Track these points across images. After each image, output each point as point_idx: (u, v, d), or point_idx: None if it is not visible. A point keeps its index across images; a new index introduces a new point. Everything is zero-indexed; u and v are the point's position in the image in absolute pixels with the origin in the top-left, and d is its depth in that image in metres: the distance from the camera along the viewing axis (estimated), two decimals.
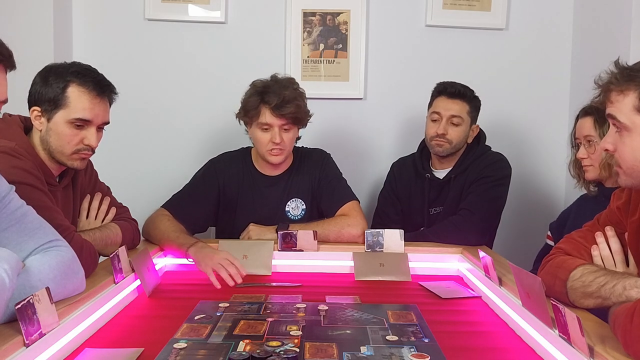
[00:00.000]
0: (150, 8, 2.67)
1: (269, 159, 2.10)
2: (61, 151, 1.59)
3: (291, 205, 2.18)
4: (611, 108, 1.22)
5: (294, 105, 2.03)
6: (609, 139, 1.25)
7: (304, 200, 2.19)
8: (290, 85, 2.07)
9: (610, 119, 1.23)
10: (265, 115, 2.03)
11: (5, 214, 1.24)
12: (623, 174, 1.24)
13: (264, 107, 2.03)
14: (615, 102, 1.20)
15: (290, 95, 2.03)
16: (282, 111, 2.01)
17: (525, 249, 2.36)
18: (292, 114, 2.03)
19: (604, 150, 1.29)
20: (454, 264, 1.96)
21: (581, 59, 2.70)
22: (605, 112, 1.26)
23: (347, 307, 1.51)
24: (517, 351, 1.26)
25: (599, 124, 1.81)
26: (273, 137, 2.04)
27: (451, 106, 2.23)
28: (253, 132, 2.10)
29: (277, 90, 2.02)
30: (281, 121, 2.04)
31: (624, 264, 1.36)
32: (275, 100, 2.00)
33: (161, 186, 2.69)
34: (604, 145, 1.27)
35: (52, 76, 1.58)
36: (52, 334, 1.11)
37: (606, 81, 1.23)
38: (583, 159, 1.87)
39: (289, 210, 2.17)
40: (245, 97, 2.09)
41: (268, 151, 2.08)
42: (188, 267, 1.91)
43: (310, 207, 2.19)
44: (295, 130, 2.11)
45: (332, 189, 2.17)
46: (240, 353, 1.16)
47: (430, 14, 2.72)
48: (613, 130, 1.24)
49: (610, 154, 1.27)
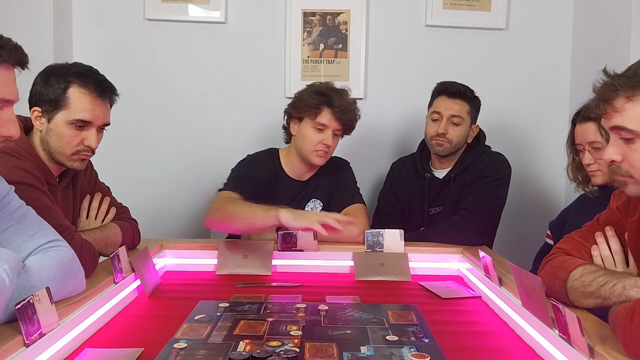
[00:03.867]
0: (150, 8, 2.67)
1: (312, 159, 2.12)
2: (61, 152, 1.59)
3: (310, 206, 2.20)
4: (618, 118, 1.15)
5: (353, 114, 2.12)
6: (613, 149, 1.19)
7: (322, 201, 2.21)
8: (349, 95, 2.15)
9: (615, 130, 1.17)
10: (326, 116, 2.08)
11: (5, 214, 1.24)
12: (634, 183, 1.19)
13: (326, 108, 2.08)
14: (623, 110, 1.14)
15: (352, 104, 2.12)
16: (343, 116, 2.09)
17: (525, 248, 2.36)
18: (350, 122, 2.12)
19: (609, 162, 1.22)
20: (454, 264, 1.96)
21: (581, 59, 2.70)
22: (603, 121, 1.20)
23: (347, 307, 1.51)
24: (517, 351, 1.26)
25: (603, 129, 1.78)
26: (326, 138, 2.09)
27: (452, 106, 2.23)
28: (303, 129, 2.12)
29: (342, 96, 2.10)
30: (338, 126, 2.10)
31: (624, 264, 1.36)
32: (342, 104, 2.08)
33: (161, 186, 2.70)
34: (609, 157, 1.20)
35: (53, 77, 1.58)
36: (52, 334, 1.11)
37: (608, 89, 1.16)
38: (590, 165, 1.85)
39: (307, 211, 2.17)
40: (304, 94, 2.13)
41: (315, 151, 2.11)
42: (188, 267, 1.92)
43: (327, 209, 2.20)
44: (339, 139, 2.17)
45: (342, 190, 2.21)
46: (240, 353, 1.16)
47: (430, 14, 2.72)
48: (619, 141, 1.18)
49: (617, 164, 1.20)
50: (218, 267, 1.88)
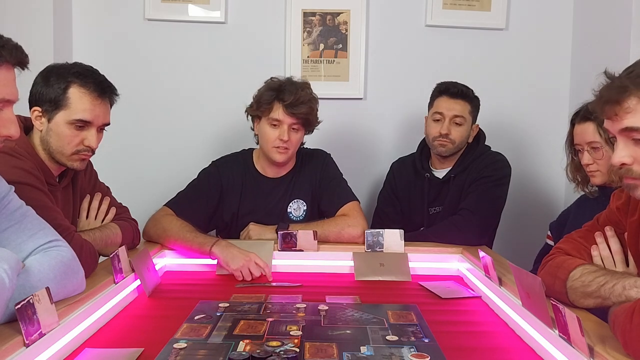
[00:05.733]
0: (150, 8, 2.67)
1: (272, 156, 2.10)
2: (61, 152, 1.59)
3: (293, 207, 2.18)
4: (630, 119, 1.11)
5: (307, 107, 2.06)
6: (624, 152, 1.14)
7: (306, 201, 2.19)
8: (306, 88, 2.10)
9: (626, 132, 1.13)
10: (278, 111, 2.05)
11: (5, 214, 1.24)
12: None
13: (277, 103, 2.05)
14: (636, 110, 1.10)
15: (305, 97, 2.06)
16: (294, 110, 2.04)
17: (525, 248, 2.36)
18: (304, 115, 2.06)
19: (619, 165, 1.16)
20: (454, 264, 1.96)
21: (581, 59, 2.70)
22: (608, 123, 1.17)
23: (347, 307, 1.51)
24: (517, 351, 1.26)
25: (602, 129, 1.78)
26: (281, 134, 2.05)
27: (454, 106, 2.23)
28: (261, 127, 2.11)
29: (293, 89, 2.05)
30: (292, 120, 2.06)
31: (624, 264, 1.36)
32: (290, 98, 2.03)
33: (161, 186, 2.69)
34: (620, 160, 1.15)
35: (53, 77, 1.58)
36: (52, 334, 1.11)
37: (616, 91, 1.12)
38: (589, 165, 1.85)
39: (290, 212, 2.17)
40: (259, 92, 2.11)
41: (273, 148, 2.08)
42: (188, 267, 1.92)
43: (311, 208, 2.19)
44: (302, 133, 2.13)
45: (332, 189, 2.17)
46: (240, 353, 1.16)
47: (430, 14, 2.72)
48: (628, 142, 1.14)
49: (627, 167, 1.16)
50: (218, 267, 1.87)
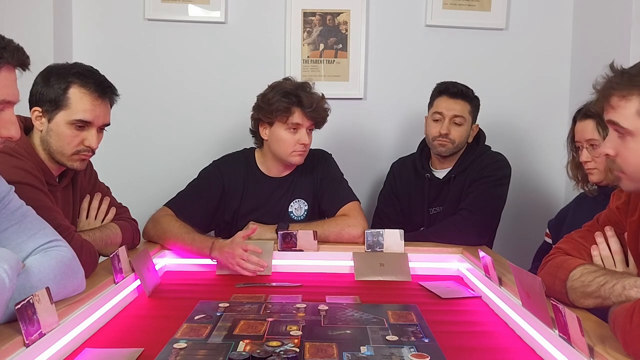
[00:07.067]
0: (150, 8, 2.67)
1: (292, 160, 2.11)
2: (61, 152, 1.59)
3: (294, 206, 2.18)
4: (613, 114, 1.19)
5: (323, 109, 2.10)
6: (609, 144, 1.23)
7: (307, 201, 2.19)
8: (313, 88, 2.12)
9: (611, 125, 1.21)
10: (297, 115, 2.06)
11: (5, 214, 1.24)
12: (627, 179, 1.23)
13: (297, 109, 2.05)
14: (618, 107, 1.18)
15: (321, 99, 2.10)
16: (315, 113, 2.07)
17: (525, 248, 2.36)
18: (322, 117, 2.10)
19: (604, 155, 1.26)
20: (454, 264, 1.96)
21: (581, 59, 2.70)
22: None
23: (347, 307, 1.51)
24: (517, 351, 1.26)
25: (601, 127, 1.79)
26: (302, 138, 2.07)
27: (454, 106, 2.23)
28: (276, 132, 2.09)
29: (309, 92, 2.08)
30: (310, 122, 2.09)
31: (624, 264, 1.36)
32: (311, 103, 2.05)
33: (161, 186, 2.69)
34: (604, 150, 1.24)
35: (53, 77, 1.58)
36: (52, 334, 1.11)
37: (606, 86, 1.20)
38: (587, 162, 1.86)
39: (292, 211, 2.17)
40: (268, 98, 2.07)
41: (294, 152, 2.09)
42: (188, 267, 1.92)
43: (312, 208, 2.19)
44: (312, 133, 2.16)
45: (333, 189, 2.17)
46: (240, 353, 1.16)
47: (430, 14, 2.72)
48: (614, 135, 1.21)
49: (612, 159, 1.24)
50: (218, 267, 1.87)
